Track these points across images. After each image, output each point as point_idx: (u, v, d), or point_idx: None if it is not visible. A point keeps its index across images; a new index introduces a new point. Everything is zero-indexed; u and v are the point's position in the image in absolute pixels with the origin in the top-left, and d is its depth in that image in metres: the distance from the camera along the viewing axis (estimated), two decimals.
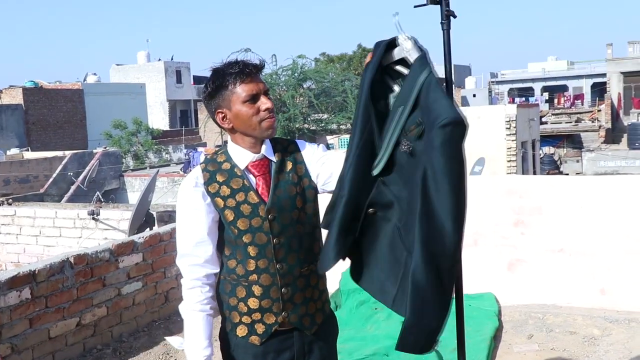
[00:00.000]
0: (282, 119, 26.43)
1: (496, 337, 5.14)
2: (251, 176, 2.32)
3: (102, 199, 14.79)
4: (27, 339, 4.62)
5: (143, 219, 7.21)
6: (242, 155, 2.32)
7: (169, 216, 7.26)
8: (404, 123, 2.10)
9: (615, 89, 37.75)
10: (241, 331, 2.34)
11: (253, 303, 2.30)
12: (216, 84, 2.27)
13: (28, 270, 4.67)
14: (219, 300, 2.41)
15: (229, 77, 2.25)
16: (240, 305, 2.32)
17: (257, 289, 2.30)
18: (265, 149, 2.34)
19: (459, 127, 1.93)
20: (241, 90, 2.24)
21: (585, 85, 54.07)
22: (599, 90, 48.28)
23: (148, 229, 7.00)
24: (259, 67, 2.29)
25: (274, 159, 2.34)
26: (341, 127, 30.46)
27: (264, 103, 2.25)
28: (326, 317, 2.47)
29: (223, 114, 2.30)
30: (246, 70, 2.24)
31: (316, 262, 2.34)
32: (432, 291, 2.02)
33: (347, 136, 29.13)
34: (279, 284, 2.30)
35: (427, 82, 2.04)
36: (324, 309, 2.45)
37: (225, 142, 2.49)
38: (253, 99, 2.25)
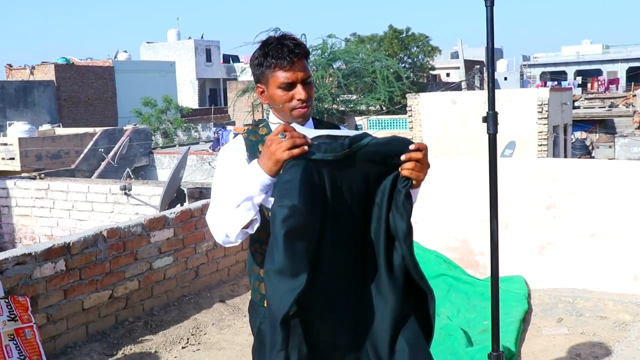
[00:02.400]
0: None
1: (525, 320, 5.13)
2: None
3: (132, 176, 14.94)
4: (62, 309, 4.72)
5: (174, 195, 7.28)
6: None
7: (199, 193, 7.32)
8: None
9: None
10: None
11: None
12: (259, 60, 2.29)
13: (63, 242, 4.76)
14: (248, 272, 2.46)
15: (270, 59, 2.26)
16: None
17: None
18: (306, 125, 2.35)
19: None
20: (278, 76, 2.26)
21: (621, 70, 53.10)
22: (635, 74, 47.39)
23: (179, 205, 7.07)
24: (300, 53, 2.27)
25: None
26: (370, 108, 30.37)
27: (298, 93, 2.27)
28: None
29: (262, 90, 2.34)
30: (287, 59, 2.24)
31: None
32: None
33: (376, 117, 29.03)
34: None
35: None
36: None
37: (255, 121, 2.49)
38: (289, 86, 2.27)
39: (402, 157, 2.15)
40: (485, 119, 2.69)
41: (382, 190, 2.19)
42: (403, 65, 39.37)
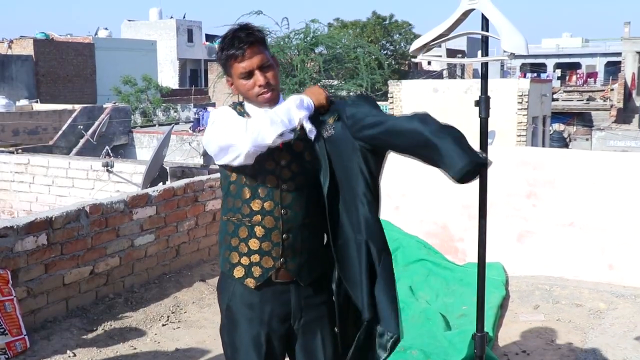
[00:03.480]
0: (291, 83, 26.31)
1: (503, 306, 5.21)
2: None
3: (112, 154, 14.82)
4: (43, 283, 4.70)
5: (157, 173, 7.25)
6: (254, 112, 2.41)
7: (182, 172, 7.30)
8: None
9: (629, 68, 37.35)
10: (238, 272, 2.42)
11: (254, 244, 2.39)
12: (219, 55, 2.40)
13: (45, 216, 4.73)
14: (219, 242, 2.52)
15: (225, 55, 2.36)
16: (241, 245, 2.40)
17: (259, 230, 2.38)
18: (277, 104, 2.41)
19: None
20: (236, 67, 2.35)
21: (599, 64, 53.54)
22: (613, 69, 47.84)
23: (161, 183, 7.05)
24: (252, 41, 2.34)
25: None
26: (351, 94, 30.35)
27: (257, 79, 2.35)
28: (324, 273, 2.51)
29: (230, 82, 2.44)
30: (239, 50, 2.32)
31: (321, 215, 2.41)
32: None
33: None
34: (281, 228, 2.38)
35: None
36: (322, 264, 2.50)
37: (235, 102, 2.56)
38: (248, 75, 2.35)
39: None
40: (477, 103, 2.71)
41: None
42: (385, 52, 39.36)
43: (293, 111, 2.28)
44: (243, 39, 2.32)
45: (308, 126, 2.33)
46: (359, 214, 2.35)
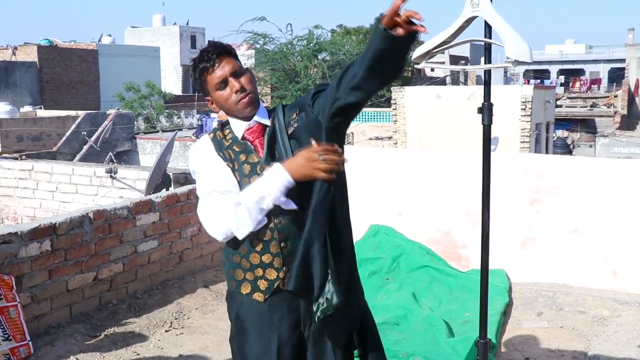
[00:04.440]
0: (294, 89, 26.34)
1: (506, 313, 5.20)
2: (248, 142, 2.43)
3: (115, 160, 14.84)
4: (46, 289, 4.71)
5: (160, 179, 7.26)
6: (238, 126, 2.45)
7: (185, 178, 7.31)
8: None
9: (633, 75, 37.30)
10: (245, 289, 2.44)
11: (254, 259, 2.40)
12: (193, 74, 2.44)
13: (49, 222, 4.75)
14: (223, 261, 2.54)
15: (198, 70, 2.40)
16: (243, 261, 2.42)
17: (257, 244, 2.39)
18: (258, 115, 2.44)
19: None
20: (210, 80, 2.38)
21: (603, 70, 53.54)
22: (617, 75, 47.81)
23: (165, 189, 7.06)
24: (220, 51, 2.38)
25: (267, 122, 2.44)
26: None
27: (233, 85, 2.37)
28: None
29: (210, 100, 2.47)
30: (209, 61, 2.37)
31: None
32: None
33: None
34: (278, 238, 2.38)
35: None
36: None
37: (215, 128, 2.63)
38: (222, 84, 2.37)
39: None
40: (480, 110, 2.72)
41: None
42: None
43: (267, 205, 2.28)
44: (211, 51, 2.37)
45: (282, 200, 2.29)
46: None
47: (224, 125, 2.51)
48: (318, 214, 2.27)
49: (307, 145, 2.26)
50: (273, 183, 2.25)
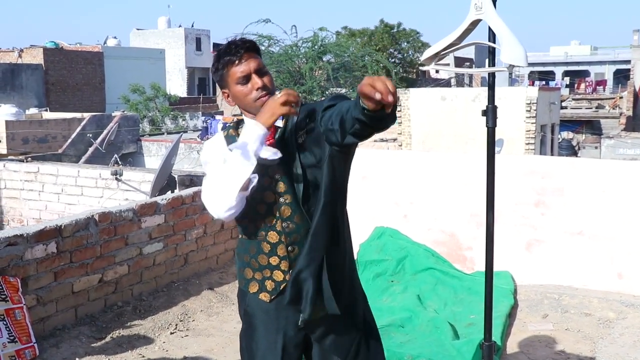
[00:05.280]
0: (298, 91, 26.36)
1: (511, 315, 5.19)
2: None
3: (120, 162, 14.87)
4: (52, 291, 4.72)
5: (165, 181, 7.27)
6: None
7: (190, 180, 7.31)
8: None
9: (639, 76, 37.22)
10: (253, 287, 2.48)
11: (262, 260, 2.44)
12: (216, 66, 2.42)
13: (54, 225, 4.76)
14: (235, 259, 2.58)
15: (223, 62, 2.39)
16: (252, 261, 2.46)
17: (265, 246, 2.43)
18: None
19: None
20: (233, 73, 2.37)
21: (608, 72, 53.45)
22: (622, 77, 47.70)
23: (170, 191, 7.07)
24: (249, 47, 2.38)
25: (280, 124, 2.42)
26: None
27: (255, 82, 2.37)
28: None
29: (226, 94, 2.46)
30: (236, 54, 2.36)
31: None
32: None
33: None
34: (285, 242, 2.41)
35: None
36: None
37: (228, 125, 2.63)
38: (245, 79, 2.37)
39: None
40: (484, 113, 2.72)
41: None
42: (393, 60, 39.37)
43: (242, 158, 2.24)
44: (239, 45, 2.37)
45: (268, 154, 2.28)
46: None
47: (238, 123, 2.52)
48: (318, 235, 2.34)
49: (316, 158, 2.35)
50: (249, 134, 2.25)
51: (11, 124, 19.50)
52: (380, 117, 1.96)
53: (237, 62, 2.36)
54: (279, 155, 2.30)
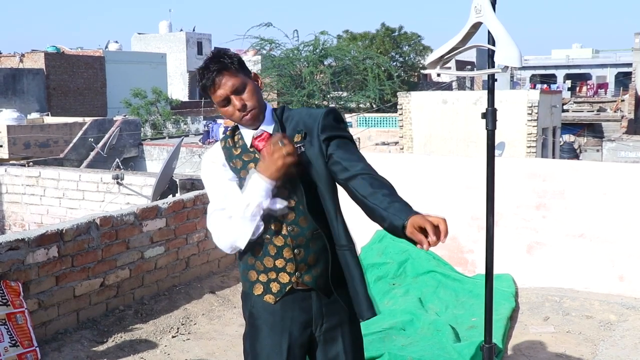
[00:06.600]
0: (300, 94, 26.39)
1: (512, 318, 5.19)
2: (257, 150, 2.45)
3: (122, 166, 14.90)
4: (53, 295, 4.73)
5: (166, 185, 7.28)
6: (247, 133, 2.48)
7: (191, 184, 7.33)
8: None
9: None
10: (257, 290, 2.48)
11: (268, 262, 2.44)
12: (199, 90, 2.53)
13: (56, 229, 4.77)
14: (238, 262, 2.58)
15: (201, 86, 2.44)
16: (257, 263, 2.46)
17: (271, 249, 2.43)
18: (265, 125, 2.46)
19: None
20: (213, 97, 2.41)
21: (610, 75, 53.43)
22: (624, 80, 47.70)
23: (171, 195, 7.08)
24: (219, 68, 2.36)
25: (270, 130, 2.45)
26: (360, 105, 30.39)
27: (233, 105, 2.39)
28: (343, 282, 2.52)
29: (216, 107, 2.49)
30: (209, 81, 2.37)
31: (327, 225, 2.45)
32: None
33: (366, 115, 29.06)
34: (291, 245, 2.42)
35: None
36: (339, 273, 2.51)
37: (226, 135, 2.65)
38: (225, 101, 2.39)
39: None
40: (484, 115, 2.73)
41: None
42: (394, 63, 39.43)
43: (255, 213, 2.36)
44: (210, 69, 2.36)
45: (275, 205, 2.39)
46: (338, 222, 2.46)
47: (234, 130, 2.53)
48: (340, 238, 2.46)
49: (318, 170, 2.40)
50: (253, 189, 2.33)
51: (13, 128, 19.52)
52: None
53: (211, 88, 2.38)
54: (285, 204, 2.39)
